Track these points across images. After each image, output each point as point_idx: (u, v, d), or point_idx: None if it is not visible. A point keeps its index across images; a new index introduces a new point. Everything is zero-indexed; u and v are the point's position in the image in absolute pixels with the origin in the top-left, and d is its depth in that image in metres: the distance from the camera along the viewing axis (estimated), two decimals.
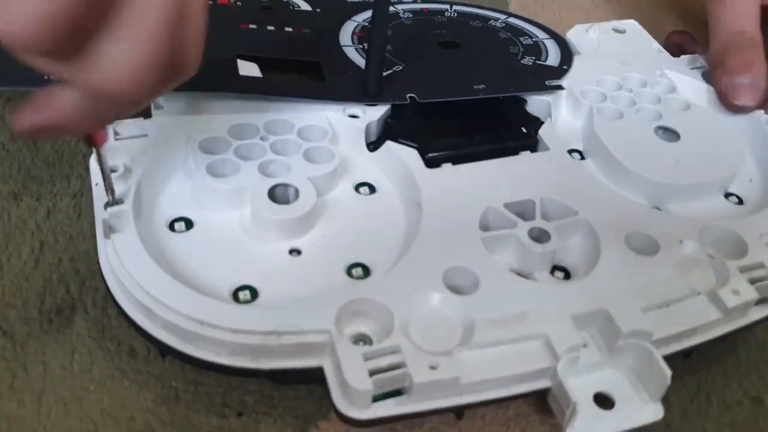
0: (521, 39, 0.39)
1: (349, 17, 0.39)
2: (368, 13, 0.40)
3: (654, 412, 0.24)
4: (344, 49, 0.37)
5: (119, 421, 0.25)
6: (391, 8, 0.41)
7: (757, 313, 0.27)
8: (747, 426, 0.27)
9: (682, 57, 0.39)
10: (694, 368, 0.28)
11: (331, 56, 0.36)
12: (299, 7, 0.40)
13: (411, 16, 0.40)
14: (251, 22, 0.37)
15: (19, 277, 0.29)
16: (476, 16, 0.41)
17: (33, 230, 0.30)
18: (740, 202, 0.33)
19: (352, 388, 0.22)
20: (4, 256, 0.29)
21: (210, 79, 0.32)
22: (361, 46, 0.37)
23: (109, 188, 0.26)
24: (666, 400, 0.26)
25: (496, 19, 0.41)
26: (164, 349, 0.24)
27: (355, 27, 0.39)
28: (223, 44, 0.35)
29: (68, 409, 0.25)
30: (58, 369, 0.26)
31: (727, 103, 0.35)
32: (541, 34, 0.40)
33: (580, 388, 0.23)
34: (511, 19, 0.41)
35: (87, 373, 0.26)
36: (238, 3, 0.39)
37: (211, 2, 0.39)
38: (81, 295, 0.28)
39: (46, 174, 0.33)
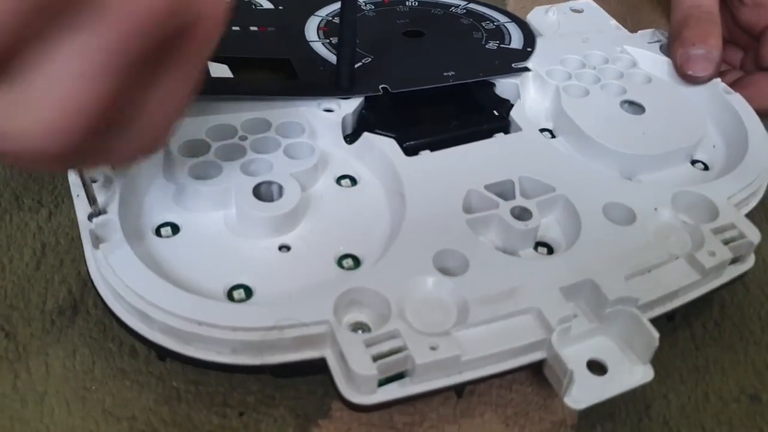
0: (483, 24, 0.40)
1: (311, 13, 0.40)
2: (331, 8, 0.41)
3: (644, 374, 0.25)
4: (311, 44, 0.37)
5: (121, 421, 0.25)
6: (367, 5, 0.41)
7: (732, 272, 0.29)
8: (744, 423, 0.27)
9: (640, 32, 0.41)
10: (692, 365, 0.29)
11: (300, 52, 0.36)
12: (261, 6, 0.40)
13: (373, 7, 0.41)
14: None
15: (21, 279, 0.29)
16: (437, 4, 0.42)
17: (35, 232, 0.30)
18: (706, 168, 0.34)
19: (357, 375, 0.22)
20: (6, 257, 0.29)
21: None
22: (328, 41, 0.37)
23: (91, 198, 0.26)
24: (665, 397, 0.27)
25: (457, 6, 0.42)
26: (163, 352, 0.25)
27: (320, 22, 0.39)
28: None
29: (71, 409, 0.25)
30: (61, 369, 0.26)
31: (683, 73, 0.37)
32: (502, 18, 0.41)
33: (574, 356, 0.24)
34: (471, 5, 0.42)
35: (89, 373, 0.26)
36: None
37: None
38: (83, 296, 0.28)
39: (47, 176, 0.33)
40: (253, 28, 0.38)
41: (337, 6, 0.41)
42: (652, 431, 0.26)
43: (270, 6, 0.40)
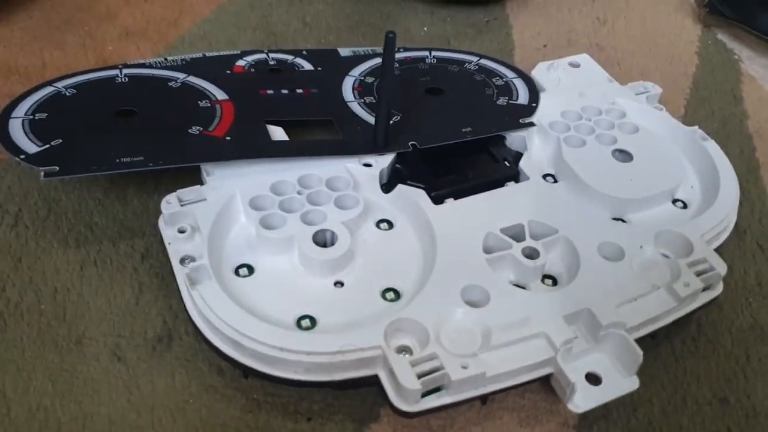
0: (494, 80, 0.46)
1: (345, 73, 0.46)
2: (362, 67, 0.47)
3: (632, 383, 0.31)
4: (349, 105, 0.43)
5: (215, 428, 0.31)
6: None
7: (703, 298, 0.35)
8: (716, 422, 0.32)
9: (629, 84, 0.47)
10: (672, 374, 0.34)
11: (340, 113, 0.42)
12: (302, 66, 0.47)
13: (398, 65, 0.47)
14: (267, 88, 0.44)
15: (125, 312, 0.35)
16: (452, 61, 0.48)
17: (131, 272, 0.36)
18: (685, 206, 0.40)
19: (405, 389, 0.28)
20: (111, 295, 0.35)
21: (252, 147, 0.38)
22: (363, 100, 0.43)
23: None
24: (650, 401, 0.33)
25: (470, 62, 0.48)
26: (250, 372, 0.31)
27: (354, 82, 0.45)
28: (252, 112, 0.41)
29: (175, 418, 0.31)
30: (164, 386, 0.32)
31: None
32: (510, 74, 0.47)
33: (575, 371, 0.30)
34: (483, 61, 0.48)
35: (187, 389, 0.32)
36: (252, 69, 0.46)
37: (228, 72, 0.45)
38: (176, 326, 0.34)
39: (136, 224, 0.39)
40: (299, 91, 0.44)
41: (367, 65, 0.47)
42: (638, 430, 0.32)
43: (310, 67, 0.47)
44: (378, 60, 0.48)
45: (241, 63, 0.46)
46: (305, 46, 0.48)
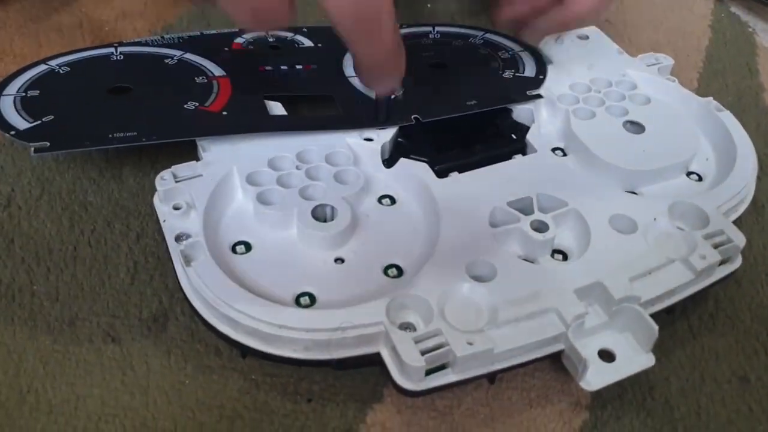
0: (500, 54, 0.45)
1: (347, 50, 0.45)
2: None
3: (646, 360, 0.29)
4: (350, 80, 0.42)
5: (212, 409, 0.30)
6: None
7: (721, 272, 0.33)
8: (735, 401, 0.31)
9: (640, 56, 0.45)
10: (690, 352, 0.33)
11: (340, 88, 0.41)
12: (302, 43, 0.45)
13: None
14: (266, 65, 0.42)
15: (120, 293, 0.34)
16: (457, 35, 0.47)
17: (126, 252, 0.35)
18: (700, 179, 0.39)
19: (409, 366, 0.27)
20: (105, 275, 0.34)
21: (248, 121, 0.37)
22: None
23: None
24: (666, 380, 0.31)
25: (475, 36, 0.47)
26: (247, 351, 0.30)
27: None
28: (250, 88, 0.40)
29: (170, 400, 0.30)
30: (159, 367, 0.31)
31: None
32: (516, 47, 0.45)
33: (587, 347, 0.29)
34: (488, 35, 0.47)
35: (182, 370, 0.31)
36: (250, 47, 0.44)
37: (226, 49, 0.44)
38: (171, 306, 0.33)
39: (132, 204, 0.38)
40: (298, 67, 0.43)
41: None
42: (655, 409, 0.31)
43: (310, 44, 0.45)
44: None
45: (239, 40, 0.45)
46: (306, 24, 0.46)
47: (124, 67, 0.41)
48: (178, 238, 0.32)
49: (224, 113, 0.37)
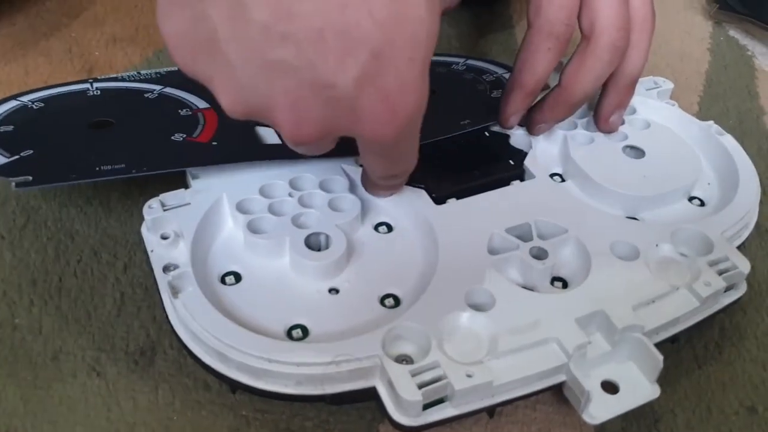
0: (484, 77, 0.44)
1: None
2: None
3: (651, 392, 0.28)
4: None
5: None
6: None
7: (726, 299, 0.32)
8: None
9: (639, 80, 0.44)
10: (695, 382, 0.32)
11: None
12: None
13: None
14: None
15: (106, 325, 0.33)
16: (438, 63, 0.46)
17: (113, 283, 0.34)
18: (702, 204, 0.38)
19: (405, 401, 0.26)
20: (90, 306, 0.33)
21: (240, 150, 0.36)
22: None
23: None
24: (672, 412, 0.30)
25: (457, 63, 0.46)
26: (237, 386, 0.28)
27: None
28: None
29: None
30: (146, 403, 0.30)
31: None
32: (500, 70, 0.45)
33: (589, 378, 0.28)
34: (470, 61, 0.46)
35: (170, 405, 0.30)
36: None
37: None
38: (159, 339, 0.32)
39: (119, 232, 0.37)
40: None
41: None
42: None
43: None
44: None
45: None
46: None
47: (102, 102, 0.40)
48: (166, 269, 0.31)
49: (214, 143, 0.36)
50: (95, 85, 0.42)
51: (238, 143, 0.37)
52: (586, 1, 0.34)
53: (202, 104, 0.40)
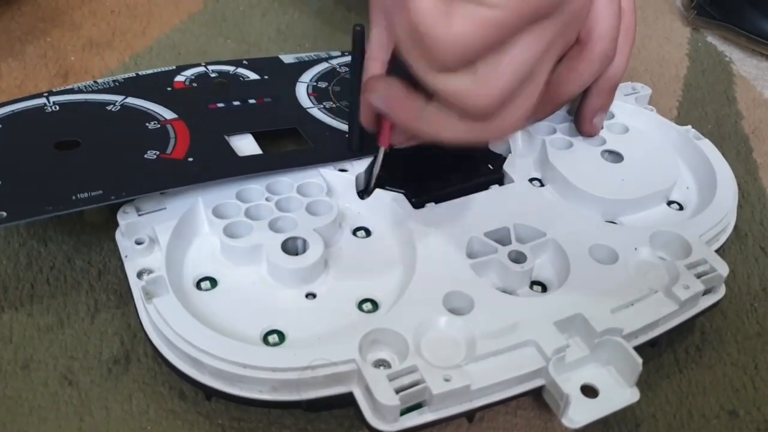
0: None
1: (294, 79, 0.44)
2: (311, 73, 0.45)
3: (631, 395, 0.28)
4: (309, 111, 0.41)
5: None
6: (341, 68, 0.45)
7: (705, 302, 0.32)
8: None
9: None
10: (676, 386, 0.32)
11: (303, 120, 0.40)
12: (247, 77, 0.44)
13: None
14: (216, 102, 0.41)
15: (79, 332, 0.32)
16: None
17: (87, 290, 0.34)
18: (681, 207, 0.38)
19: (383, 406, 0.26)
20: (63, 314, 0.33)
21: (218, 166, 0.35)
22: (322, 105, 0.41)
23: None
24: (653, 416, 0.30)
25: None
26: (212, 393, 0.28)
27: (307, 88, 0.43)
28: (207, 128, 0.38)
29: None
30: (119, 412, 0.29)
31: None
32: None
33: (568, 382, 0.28)
34: None
35: (144, 414, 0.29)
36: (194, 84, 0.42)
37: (169, 89, 0.42)
38: (134, 346, 0.31)
39: (94, 239, 0.36)
40: (252, 101, 0.41)
41: (315, 70, 0.45)
42: None
43: (256, 77, 0.44)
44: (325, 65, 0.46)
45: (180, 78, 0.43)
46: (280, 54, 0.45)
47: (64, 118, 0.38)
48: (140, 274, 0.31)
49: (190, 159, 0.35)
50: (51, 99, 0.40)
51: (214, 158, 0.36)
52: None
53: (169, 114, 0.39)
